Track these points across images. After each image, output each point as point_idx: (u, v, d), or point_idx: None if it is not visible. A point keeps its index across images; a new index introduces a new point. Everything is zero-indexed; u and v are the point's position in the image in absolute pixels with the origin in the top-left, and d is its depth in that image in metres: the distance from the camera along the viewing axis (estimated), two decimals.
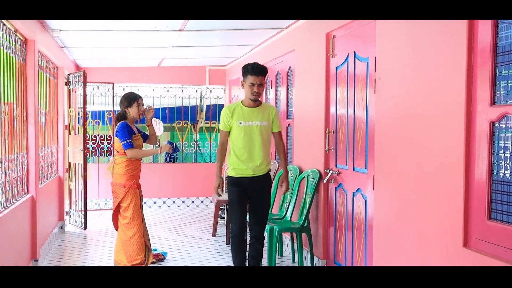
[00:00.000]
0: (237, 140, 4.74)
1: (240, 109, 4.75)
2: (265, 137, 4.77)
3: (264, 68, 4.71)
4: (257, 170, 4.76)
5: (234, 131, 4.75)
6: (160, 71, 10.32)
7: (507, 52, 2.89)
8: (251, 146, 4.72)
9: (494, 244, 2.93)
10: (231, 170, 4.83)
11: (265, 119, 4.77)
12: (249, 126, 4.72)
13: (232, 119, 4.73)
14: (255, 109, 4.76)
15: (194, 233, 7.79)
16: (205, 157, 10.82)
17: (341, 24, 4.98)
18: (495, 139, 2.97)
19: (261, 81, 4.66)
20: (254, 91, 4.65)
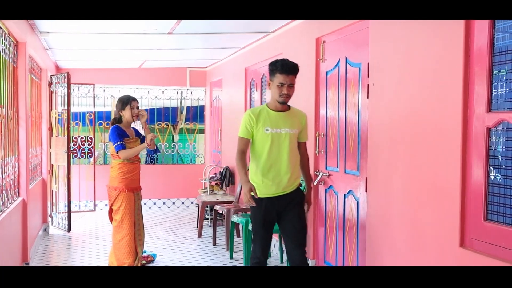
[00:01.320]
0: (262, 150, 4.03)
1: (267, 114, 4.07)
2: (294, 147, 4.14)
3: (295, 66, 4.05)
4: (285, 186, 4.06)
5: (259, 139, 4.04)
6: (141, 72, 10.33)
7: (503, 62, 3.04)
8: (278, 158, 4.03)
9: (490, 244, 3.08)
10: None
11: (295, 126, 4.12)
12: (278, 134, 4.04)
13: (257, 124, 4.03)
14: (284, 114, 4.11)
15: (179, 234, 7.84)
16: (184, 158, 10.85)
17: (332, 29, 5.10)
18: (491, 144, 3.12)
19: (292, 80, 4.01)
20: (283, 93, 3.99)
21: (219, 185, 8.56)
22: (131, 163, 5.38)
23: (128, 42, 7.16)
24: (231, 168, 8.61)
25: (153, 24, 5.96)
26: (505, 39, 3.05)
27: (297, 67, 4.07)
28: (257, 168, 4.07)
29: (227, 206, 6.95)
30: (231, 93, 8.86)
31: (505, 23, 3.06)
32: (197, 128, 10.83)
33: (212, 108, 10.35)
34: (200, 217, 7.61)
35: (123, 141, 5.29)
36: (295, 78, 4.04)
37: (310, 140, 5.56)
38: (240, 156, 4.10)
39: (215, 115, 10.14)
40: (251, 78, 7.80)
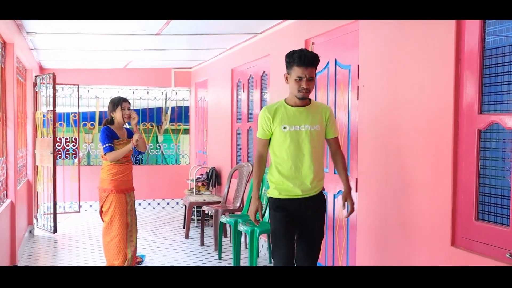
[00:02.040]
0: (281, 150, 3.69)
1: (284, 110, 3.71)
2: (317, 145, 3.73)
3: (315, 57, 3.64)
4: (307, 188, 3.71)
5: (277, 138, 3.70)
6: (126, 73, 10.29)
7: (494, 65, 3.11)
8: (299, 157, 3.68)
9: (481, 242, 3.16)
10: (273, 189, 3.77)
11: (316, 122, 3.72)
12: (297, 132, 3.67)
13: (273, 123, 3.69)
14: (304, 109, 3.72)
15: (166, 235, 7.83)
16: (168, 159, 10.82)
17: (321, 31, 5.15)
18: (482, 145, 3.19)
19: (311, 73, 3.60)
20: (301, 87, 3.59)
21: (205, 185, 8.57)
22: (120, 164, 5.37)
23: (115, 42, 7.13)
24: (217, 168, 8.63)
25: (141, 25, 5.96)
26: (495, 42, 3.12)
27: (317, 58, 3.65)
28: (277, 170, 3.74)
29: (215, 206, 6.97)
30: (217, 93, 8.87)
31: (495, 27, 3.13)
32: (182, 129, 10.83)
33: (197, 108, 10.35)
34: (187, 218, 7.61)
35: (111, 143, 5.28)
36: (315, 70, 3.65)
37: None
38: (258, 162, 3.80)
39: (200, 115, 10.15)
40: (237, 79, 7.83)
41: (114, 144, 5.30)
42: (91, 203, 10.01)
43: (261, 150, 3.81)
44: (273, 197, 3.76)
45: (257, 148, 3.84)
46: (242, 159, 7.56)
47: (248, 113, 7.40)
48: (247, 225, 5.69)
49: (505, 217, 3.04)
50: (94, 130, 10.19)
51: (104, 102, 10.22)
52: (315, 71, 3.65)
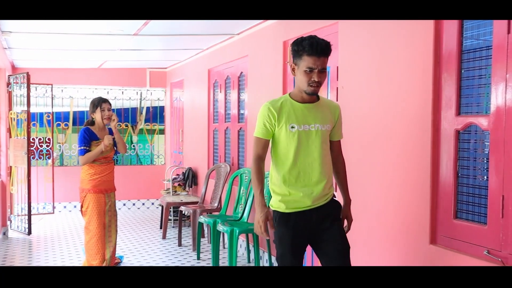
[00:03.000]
0: (287, 153, 3.14)
1: (291, 106, 3.16)
2: (326, 147, 3.25)
3: (328, 45, 3.08)
4: (318, 197, 3.17)
5: (282, 139, 3.15)
6: (100, 72, 10.21)
7: (471, 68, 3.21)
8: (308, 162, 3.16)
9: (460, 240, 3.25)
10: (278, 202, 3.18)
11: (327, 121, 3.22)
12: (306, 132, 3.15)
13: (279, 121, 3.13)
14: (313, 106, 3.20)
15: (143, 236, 7.81)
16: (143, 159, 10.76)
17: (299, 33, 5.20)
18: (460, 146, 3.29)
19: (323, 64, 3.06)
20: (312, 80, 3.05)
21: (182, 186, 8.56)
22: (99, 164, 5.37)
23: (91, 42, 7.08)
24: (193, 169, 8.63)
25: (119, 25, 5.94)
26: (473, 45, 3.21)
27: (330, 47, 3.10)
28: (281, 176, 3.16)
29: (193, 207, 6.98)
30: (193, 94, 8.87)
31: (473, 31, 3.23)
32: (157, 129, 10.79)
33: (173, 108, 10.33)
34: (165, 218, 7.60)
35: (87, 146, 5.26)
36: (327, 61, 3.09)
37: None
38: (257, 165, 3.17)
39: (175, 115, 10.13)
40: (214, 79, 7.84)
41: (92, 146, 5.29)
42: (65, 204, 9.92)
43: (260, 152, 3.18)
44: (279, 211, 3.17)
45: (255, 150, 3.20)
46: (219, 159, 7.58)
47: (225, 113, 7.43)
48: (226, 225, 5.72)
49: (482, 216, 3.13)
50: (68, 130, 10.09)
51: (78, 102, 10.14)
52: (327, 61, 3.08)
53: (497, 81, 2.98)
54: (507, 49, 2.92)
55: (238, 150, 6.95)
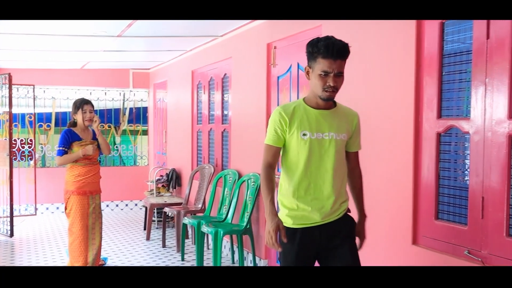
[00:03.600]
0: (297, 162, 2.91)
1: (304, 112, 2.92)
2: (341, 158, 3.00)
3: (346, 47, 2.86)
4: (328, 213, 2.92)
5: (293, 147, 2.91)
6: (83, 73, 10.16)
7: (452, 72, 3.28)
8: (319, 174, 2.92)
9: (441, 241, 3.32)
10: (284, 215, 2.95)
11: (343, 130, 2.98)
12: (319, 140, 2.90)
13: (290, 127, 2.89)
14: (328, 112, 2.96)
15: (126, 237, 7.80)
16: (126, 160, 10.73)
17: (283, 36, 5.26)
18: (442, 148, 3.36)
19: (340, 67, 2.83)
20: (328, 85, 2.82)
21: (165, 187, 8.56)
22: (83, 166, 5.35)
23: (74, 43, 7.06)
24: (177, 170, 8.64)
25: (103, 27, 5.93)
26: (454, 49, 3.28)
27: (348, 48, 2.88)
28: (290, 187, 2.94)
29: (177, 208, 6.99)
30: (176, 95, 8.88)
31: (453, 36, 3.30)
32: (140, 130, 10.77)
33: (156, 109, 10.32)
34: (148, 219, 7.60)
35: (66, 147, 5.26)
36: (344, 64, 2.86)
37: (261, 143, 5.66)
38: (266, 173, 2.92)
39: (159, 116, 10.12)
40: (198, 80, 7.86)
41: (73, 147, 5.28)
42: (48, 205, 9.86)
43: (270, 160, 2.94)
44: (285, 226, 2.92)
45: (265, 157, 2.96)
46: (203, 160, 7.60)
47: (209, 115, 7.45)
48: (210, 226, 5.75)
49: (463, 217, 3.21)
50: (50, 131, 10.03)
51: (60, 103, 10.08)
52: (344, 64, 2.86)
53: (476, 85, 3.05)
54: (486, 54, 2.99)
55: (222, 152, 6.98)
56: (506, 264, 2.89)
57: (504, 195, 2.92)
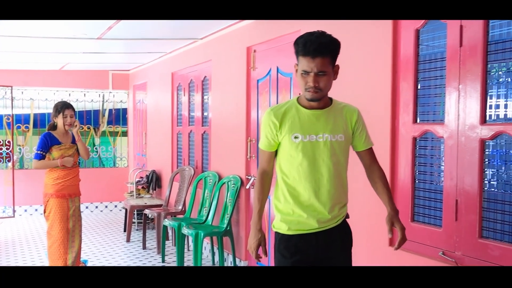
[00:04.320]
0: (291, 167, 2.76)
1: (296, 113, 2.74)
2: (339, 161, 2.79)
3: (328, 43, 2.62)
4: (325, 219, 2.77)
5: (286, 151, 2.76)
6: (62, 74, 10.11)
7: (427, 78, 3.37)
8: (315, 178, 2.74)
9: (417, 242, 3.41)
10: (280, 222, 2.80)
11: (339, 130, 2.77)
12: (312, 143, 2.72)
13: (281, 129, 2.73)
14: (322, 112, 2.76)
15: (106, 239, 7.80)
16: (105, 162, 10.69)
17: (263, 40, 5.32)
18: (417, 152, 3.45)
19: (322, 66, 2.59)
20: (308, 85, 2.63)
21: (145, 188, 8.58)
22: (62, 169, 5.35)
23: (54, 45, 7.04)
24: (157, 171, 8.65)
25: (83, 29, 5.93)
26: (429, 56, 3.38)
27: (330, 44, 2.63)
28: (285, 194, 2.78)
29: (157, 210, 7.01)
30: (156, 96, 8.89)
31: (428, 43, 3.39)
32: (120, 131, 10.75)
33: (136, 111, 10.31)
34: (129, 221, 7.61)
35: (44, 151, 5.27)
36: (329, 62, 2.63)
37: (241, 145, 5.74)
38: (260, 180, 2.84)
39: (139, 118, 10.12)
40: (178, 82, 7.88)
41: (53, 151, 5.28)
42: (26, 207, 9.79)
43: (264, 165, 2.84)
44: (280, 233, 2.80)
45: (259, 162, 2.89)
46: (183, 162, 7.64)
47: (189, 117, 7.48)
48: (191, 228, 5.79)
49: (438, 219, 3.30)
50: (29, 132, 9.96)
51: (39, 104, 10.02)
52: (329, 61, 2.62)
53: (450, 91, 3.14)
54: (459, 61, 3.09)
55: (202, 154, 7.02)
56: (479, 264, 2.99)
57: (476, 198, 3.02)
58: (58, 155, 5.30)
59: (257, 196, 2.83)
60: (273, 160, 2.85)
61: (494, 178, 3.02)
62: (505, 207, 2.93)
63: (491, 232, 2.99)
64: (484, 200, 3.02)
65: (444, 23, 3.21)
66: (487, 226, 3.01)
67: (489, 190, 3.02)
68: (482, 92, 2.98)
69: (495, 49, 2.96)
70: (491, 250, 2.95)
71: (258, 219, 2.79)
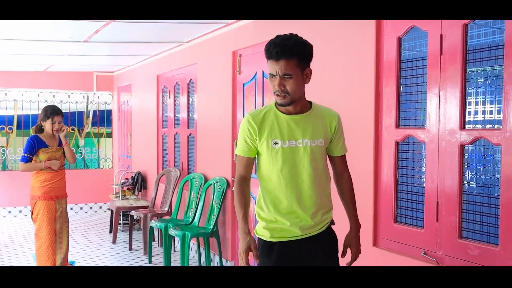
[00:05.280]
0: (271, 174, 2.70)
1: (274, 118, 2.70)
2: (320, 166, 2.76)
3: (287, 46, 2.55)
4: (309, 226, 2.73)
5: (265, 157, 2.70)
6: (46, 76, 10.11)
7: (409, 84, 3.51)
8: (297, 184, 2.70)
9: (400, 243, 3.54)
10: (261, 228, 2.77)
11: (319, 135, 2.74)
12: (292, 149, 2.68)
13: (260, 135, 2.68)
14: (301, 117, 2.71)
15: (92, 240, 7.84)
16: (89, 163, 10.69)
17: (248, 44, 5.42)
18: (400, 156, 3.58)
19: (285, 69, 2.55)
20: (275, 89, 2.60)
21: (131, 190, 8.62)
22: (49, 171, 5.40)
23: (39, 48, 7.06)
24: (142, 173, 8.70)
25: (70, 32, 5.98)
26: (411, 64, 3.50)
27: (296, 47, 2.57)
28: (266, 201, 2.74)
29: (143, 211, 7.08)
30: (141, 98, 8.94)
31: (410, 52, 3.52)
32: (105, 132, 10.77)
33: (120, 112, 10.34)
34: (115, 222, 7.66)
35: (31, 154, 5.32)
36: (295, 65, 2.57)
37: (227, 148, 5.84)
38: (239, 187, 2.74)
39: (123, 119, 10.15)
40: (163, 85, 7.95)
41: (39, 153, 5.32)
42: (10, 209, 9.78)
43: (242, 172, 2.75)
44: (262, 239, 2.75)
45: (237, 169, 2.79)
46: (169, 164, 7.70)
47: (174, 119, 7.55)
48: (177, 229, 5.87)
49: (420, 220, 3.43)
50: (12, 134, 9.95)
51: (23, 105, 10.00)
52: (295, 64, 2.56)
53: (431, 98, 3.28)
54: (440, 68, 3.22)
55: (187, 155, 7.09)
56: (459, 263, 3.13)
57: (456, 200, 3.16)
58: (45, 157, 5.35)
59: (239, 201, 2.72)
60: (252, 166, 2.77)
61: (473, 181, 3.16)
62: (483, 208, 3.06)
63: (470, 233, 3.13)
64: (464, 202, 3.16)
65: (425, 31, 3.34)
66: (467, 227, 3.15)
67: (468, 192, 3.15)
68: (461, 98, 3.11)
69: (473, 58, 3.10)
70: (470, 250, 3.09)
71: (244, 224, 2.68)
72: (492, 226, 3.01)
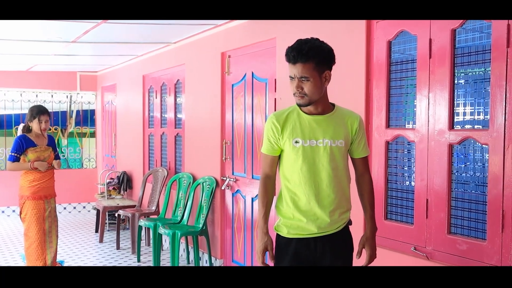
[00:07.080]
0: (292, 171, 2.81)
1: (297, 118, 2.81)
2: (339, 166, 2.84)
3: (303, 50, 2.67)
4: (325, 224, 2.80)
5: (287, 156, 2.83)
6: (29, 75, 10.06)
7: (399, 86, 3.63)
8: (315, 182, 2.78)
9: (390, 239, 3.67)
10: (281, 225, 2.86)
11: (340, 136, 2.82)
12: (313, 148, 2.78)
13: (283, 135, 2.80)
14: (323, 118, 2.82)
15: (79, 240, 7.86)
16: (71, 163, 10.68)
17: (238, 45, 5.51)
18: (390, 155, 3.71)
19: (302, 72, 2.68)
20: (294, 91, 2.74)
21: (116, 189, 8.65)
22: (38, 171, 5.44)
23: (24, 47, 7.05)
24: (128, 172, 8.73)
25: (58, 33, 5.99)
26: (401, 67, 3.63)
27: (312, 51, 2.67)
28: (286, 198, 2.84)
29: (131, 211, 7.12)
30: (126, 98, 8.96)
31: (400, 55, 3.65)
32: (88, 132, 10.77)
33: (104, 112, 10.34)
34: (102, 222, 7.68)
35: (19, 153, 5.35)
36: (313, 68, 2.68)
37: (216, 147, 5.93)
38: (263, 185, 2.89)
39: (107, 119, 10.16)
40: (149, 85, 7.99)
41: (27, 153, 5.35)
42: (3, 208, 9.71)
43: (267, 170, 2.89)
44: (280, 235, 2.86)
45: (262, 167, 2.93)
46: (155, 163, 7.75)
47: (161, 119, 7.60)
48: (167, 228, 5.94)
49: (409, 217, 3.57)
50: None
51: (5, 105, 9.95)
52: (312, 67, 2.68)
53: (421, 99, 3.41)
54: (429, 71, 3.36)
55: (175, 155, 7.16)
56: (448, 258, 3.27)
57: (445, 197, 3.29)
58: (34, 157, 5.38)
59: (261, 200, 2.86)
60: (276, 165, 2.89)
61: (461, 179, 3.30)
62: (471, 205, 3.21)
63: (458, 228, 3.27)
64: (452, 199, 3.30)
65: (414, 35, 3.48)
66: (455, 223, 3.29)
67: (456, 190, 3.29)
68: (450, 100, 3.25)
69: (461, 61, 3.24)
70: (459, 245, 3.23)
71: (263, 223, 2.83)
72: (479, 222, 3.16)
